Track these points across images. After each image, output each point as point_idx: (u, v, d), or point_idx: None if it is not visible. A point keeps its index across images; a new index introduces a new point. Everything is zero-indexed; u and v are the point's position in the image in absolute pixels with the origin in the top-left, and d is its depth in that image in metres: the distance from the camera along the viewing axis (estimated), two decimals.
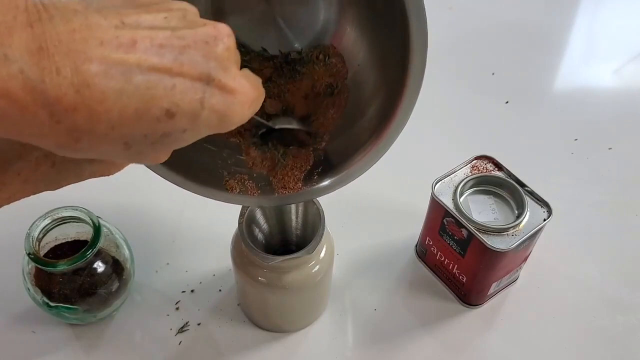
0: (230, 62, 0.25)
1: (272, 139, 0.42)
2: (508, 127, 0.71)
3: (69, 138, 0.22)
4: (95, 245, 0.45)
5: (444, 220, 0.50)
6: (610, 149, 0.68)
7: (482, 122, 0.72)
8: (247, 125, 0.42)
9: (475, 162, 0.52)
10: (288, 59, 0.43)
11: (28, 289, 0.47)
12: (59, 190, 0.29)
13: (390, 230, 0.60)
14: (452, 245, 0.51)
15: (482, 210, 0.49)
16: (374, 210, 0.61)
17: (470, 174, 0.51)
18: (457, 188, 0.50)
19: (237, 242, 0.46)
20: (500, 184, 0.51)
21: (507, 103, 0.74)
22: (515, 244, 0.46)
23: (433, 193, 0.50)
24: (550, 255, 0.57)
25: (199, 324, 0.52)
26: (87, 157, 0.23)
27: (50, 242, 0.49)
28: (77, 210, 0.47)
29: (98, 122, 0.21)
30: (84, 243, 0.46)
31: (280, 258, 0.42)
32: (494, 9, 0.88)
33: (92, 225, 0.46)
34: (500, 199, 0.50)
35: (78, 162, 0.28)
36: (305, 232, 0.50)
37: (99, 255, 0.48)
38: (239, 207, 0.45)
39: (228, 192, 0.42)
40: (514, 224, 0.47)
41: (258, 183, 0.42)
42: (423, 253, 0.56)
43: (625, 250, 0.59)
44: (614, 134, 0.70)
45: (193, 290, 0.54)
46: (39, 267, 0.45)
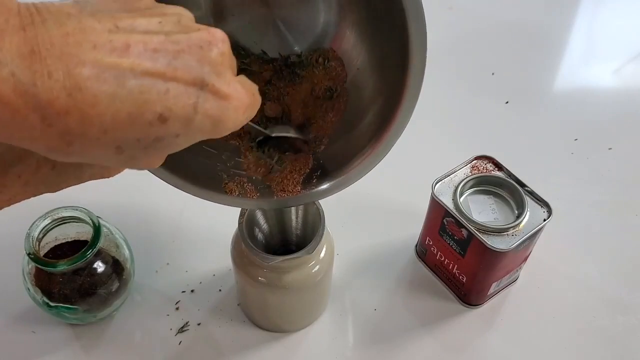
0: (225, 67, 0.25)
1: (269, 146, 0.42)
2: (508, 127, 0.71)
3: (61, 141, 0.21)
4: (95, 245, 0.45)
5: (444, 220, 0.50)
6: (610, 149, 0.68)
7: (482, 122, 0.72)
8: (246, 128, 0.42)
9: (475, 162, 0.52)
10: (288, 62, 0.43)
11: (28, 289, 0.47)
12: (59, 191, 0.29)
13: (390, 230, 0.60)
14: (452, 245, 0.51)
15: (482, 210, 0.49)
16: (374, 210, 0.61)
17: (470, 174, 0.51)
18: (457, 188, 0.50)
19: (237, 242, 0.47)
20: (500, 184, 0.51)
21: (507, 103, 0.74)
22: (515, 244, 0.46)
23: (433, 193, 0.50)
24: (550, 255, 0.57)
25: (199, 324, 0.52)
26: (79, 161, 0.23)
27: (50, 242, 0.49)
28: (77, 210, 0.47)
29: (90, 125, 0.21)
30: (84, 243, 0.46)
31: (280, 258, 0.42)
32: (494, 9, 0.88)
33: (92, 225, 0.46)
34: (500, 199, 0.50)
35: (78, 164, 0.28)
36: (305, 232, 0.50)
37: (99, 255, 0.48)
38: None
39: (227, 194, 0.42)
40: (514, 224, 0.47)
41: (257, 186, 0.42)
42: (423, 253, 0.56)
43: (625, 250, 0.59)
44: (614, 134, 0.70)
45: (193, 290, 0.54)
46: (39, 267, 0.45)
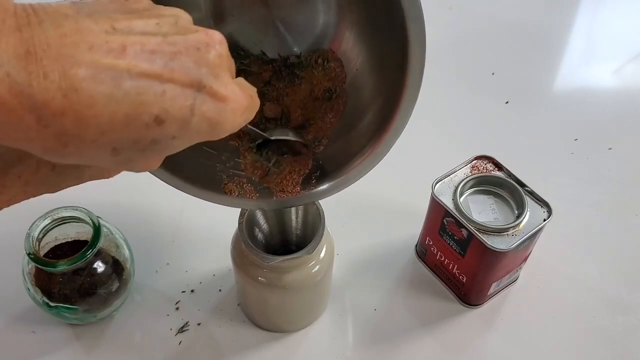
0: (222, 69, 0.25)
1: (267, 149, 0.42)
2: (508, 127, 0.71)
3: (57, 143, 0.21)
4: (95, 245, 0.45)
5: (444, 220, 0.50)
6: (610, 149, 0.68)
7: (482, 122, 0.72)
8: (246, 129, 0.42)
9: (475, 162, 0.52)
10: (287, 63, 0.43)
11: (28, 289, 0.47)
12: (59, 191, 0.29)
13: (390, 230, 0.60)
14: (452, 245, 0.51)
15: (482, 210, 0.49)
16: (374, 210, 0.61)
17: (470, 174, 0.51)
18: (457, 188, 0.50)
19: (237, 242, 0.47)
20: (500, 184, 0.51)
21: (507, 103, 0.74)
22: (515, 244, 0.46)
23: (433, 193, 0.50)
24: (550, 255, 0.57)
25: (199, 324, 0.52)
26: (75, 162, 0.23)
27: (50, 242, 0.49)
28: (77, 210, 0.47)
29: (86, 126, 0.21)
30: (84, 243, 0.46)
31: (280, 258, 0.42)
32: (494, 9, 0.88)
33: (92, 225, 0.46)
34: (500, 199, 0.50)
35: (78, 164, 0.28)
36: (305, 232, 0.50)
37: (99, 255, 0.48)
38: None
39: (227, 195, 0.42)
40: (514, 224, 0.47)
41: (256, 186, 0.42)
42: (423, 253, 0.56)
43: (625, 250, 0.58)
44: (614, 134, 0.70)
45: (193, 290, 0.54)
46: (39, 267, 0.45)
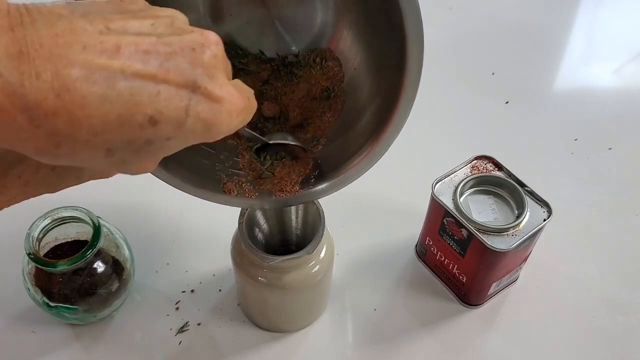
0: (218, 70, 0.25)
1: (266, 152, 0.42)
2: (508, 127, 0.71)
3: (49, 143, 0.21)
4: (95, 245, 0.45)
5: (444, 220, 0.50)
6: (610, 149, 0.68)
7: (482, 122, 0.72)
8: (244, 133, 0.42)
9: (475, 162, 0.52)
10: (285, 62, 0.43)
11: (28, 289, 0.47)
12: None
13: (390, 230, 0.60)
14: (452, 245, 0.51)
15: (482, 210, 0.49)
16: (374, 210, 0.61)
17: (470, 174, 0.51)
18: (457, 188, 0.50)
19: (237, 242, 0.47)
20: (500, 184, 0.51)
21: (507, 103, 0.74)
22: (515, 244, 0.46)
23: (433, 193, 0.50)
24: (550, 255, 0.57)
25: (199, 324, 0.52)
26: (68, 163, 0.23)
27: (50, 242, 0.49)
28: (77, 210, 0.47)
29: (79, 127, 0.21)
30: (84, 243, 0.46)
31: (280, 258, 0.42)
32: (494, 9, 0.88)
33: (92, 225, 0.46)
34: (500, 199, 0.50)
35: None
36: (305, 232, 0.50)
37: (99, 255, 0.48)
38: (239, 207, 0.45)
39: (226, 194, 0.42)
40: (514, 224, 0.47)
41: (255, 186, 0.42)
42: (423, 253, 0.56)
43: (625, 250, 0.58)
44: (614, 134, 0.70)
45: (193, 290, 0.54)
46: (39, 267, 0.45)
